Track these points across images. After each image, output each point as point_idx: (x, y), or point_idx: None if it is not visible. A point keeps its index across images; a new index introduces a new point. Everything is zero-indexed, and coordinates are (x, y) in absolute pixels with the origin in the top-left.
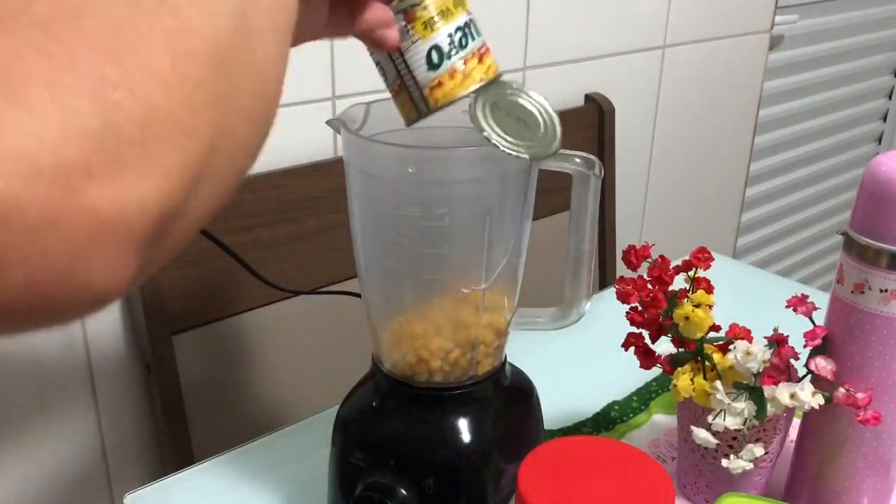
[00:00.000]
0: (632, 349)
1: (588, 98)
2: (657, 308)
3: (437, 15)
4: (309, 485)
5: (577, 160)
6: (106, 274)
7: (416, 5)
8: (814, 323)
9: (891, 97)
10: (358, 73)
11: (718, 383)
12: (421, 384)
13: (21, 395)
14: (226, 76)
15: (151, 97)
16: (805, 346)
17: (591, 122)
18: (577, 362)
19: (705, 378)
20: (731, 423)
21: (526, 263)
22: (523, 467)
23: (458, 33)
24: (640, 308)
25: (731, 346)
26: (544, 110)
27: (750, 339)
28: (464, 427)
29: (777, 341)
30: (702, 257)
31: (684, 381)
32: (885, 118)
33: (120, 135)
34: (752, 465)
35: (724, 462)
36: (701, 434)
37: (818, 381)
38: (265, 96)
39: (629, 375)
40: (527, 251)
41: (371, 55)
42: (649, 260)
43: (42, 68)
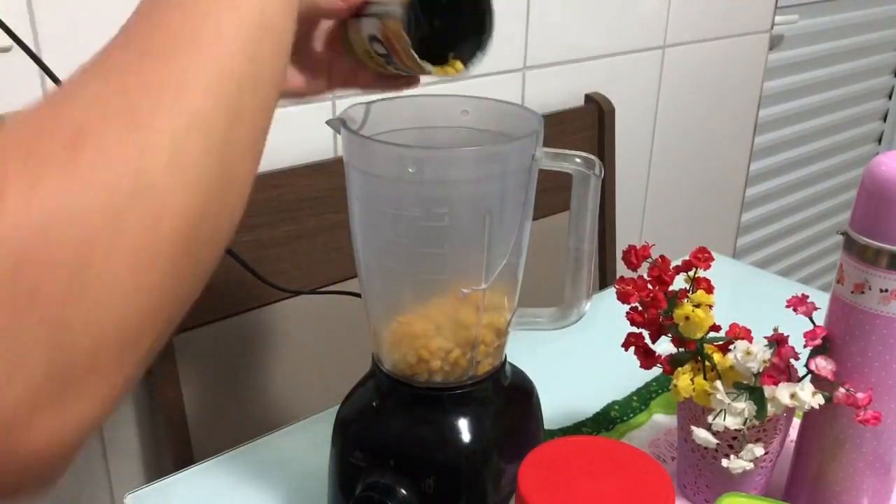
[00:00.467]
0: (632, 349)
1: (588, 98)
2: (657, 308)
3: None
4: (309, 485)
5: (577, 160)
6: (42, 480)
7: None
8: (814, 323)
9: (891, 97)
10: None
11: (718, 383)
12: (421, 384)
13: None
14: (187, 272)
15: (105, 332)
16: (805, 346)
17: (591, 122)
18: (577, 362)
19: (705, 378)
20: (731, 423)
21: (526, 263)
22: (523, 467)
23: None
24: (640, 308)
25: (731, 346)
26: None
27: (750, 339)
28: (464, 427)
29: (777, 341)
30: (702, 257)
31: (684, 381)
32: (885, 118)
33: (68, 372)
34: (752, 465)
35: (724, 462)
36: (701, 434)
37: (818, 381)
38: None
39: (629, 375)
40: (527, 251)
41: (355, 42)
42: (649, 260)
43: None
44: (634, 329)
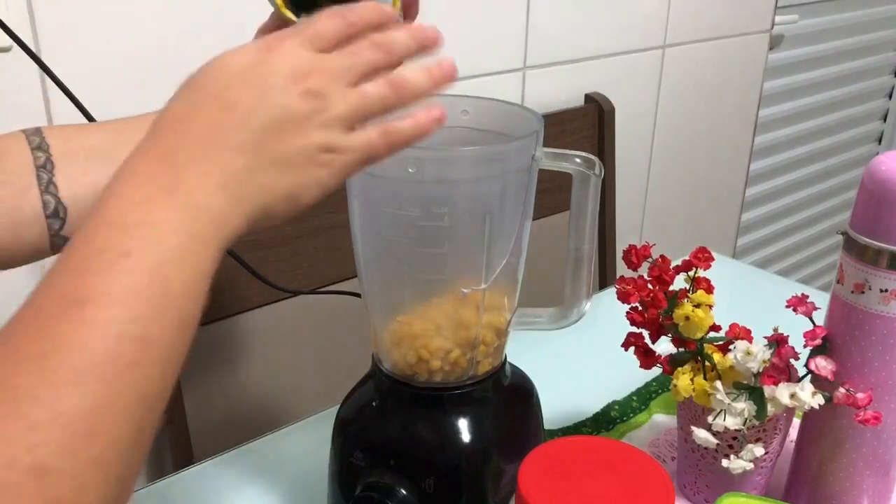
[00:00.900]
0: (632, 349)
1: (588, 98)
2: (657, 308)
3: None
4: (309, 485)
5: (577, 160)
6: None
7: None
8: (814, 323)
9: (891, 97)
10: None
11: (718, 383)
12: (421, 384)
13: None
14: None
15: None
16: (805, 346)
17: (591, 122)
18: (577, 362)
19: (705, 378)
20: (731, 423)
21: (526, 263)
22: (523, 467)
23: None
24: (640, 308)
25: (731, 346)
26: None
27: (750, 339)
28: (464, 427)
29: (777, 341)
30: (702, 257)
31: (684, 381)
32: (885, 118)
33: None
34: (752, 465)
35: (724, 462)
36: (701, 434)
37: (818, 381)
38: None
39: (629, 375)
40: (527, 251)
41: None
42: (649, 260)
43: None
44: (634, 329)
